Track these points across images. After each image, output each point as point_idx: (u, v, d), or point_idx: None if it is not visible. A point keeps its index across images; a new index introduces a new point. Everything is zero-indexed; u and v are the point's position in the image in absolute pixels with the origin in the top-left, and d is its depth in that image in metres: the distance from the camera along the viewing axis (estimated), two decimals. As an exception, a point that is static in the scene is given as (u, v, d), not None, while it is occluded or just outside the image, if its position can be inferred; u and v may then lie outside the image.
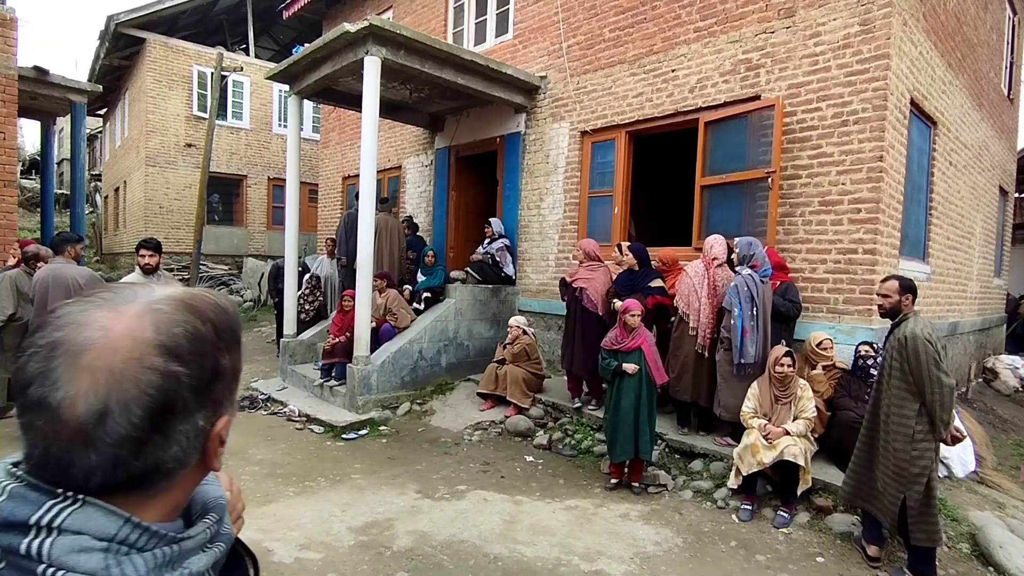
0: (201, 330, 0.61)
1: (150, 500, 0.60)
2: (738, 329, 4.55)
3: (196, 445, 0.62)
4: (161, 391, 0.57)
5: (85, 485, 0.56)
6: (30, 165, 24.99)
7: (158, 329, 0.58)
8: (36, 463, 0.56)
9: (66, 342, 0.56)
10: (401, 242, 8.35)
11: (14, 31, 6.92)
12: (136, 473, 0.58)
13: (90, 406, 0.54)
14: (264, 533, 3.70)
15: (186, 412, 0.60)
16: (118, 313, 0.58)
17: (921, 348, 3.30)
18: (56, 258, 5.13)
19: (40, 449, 0.56)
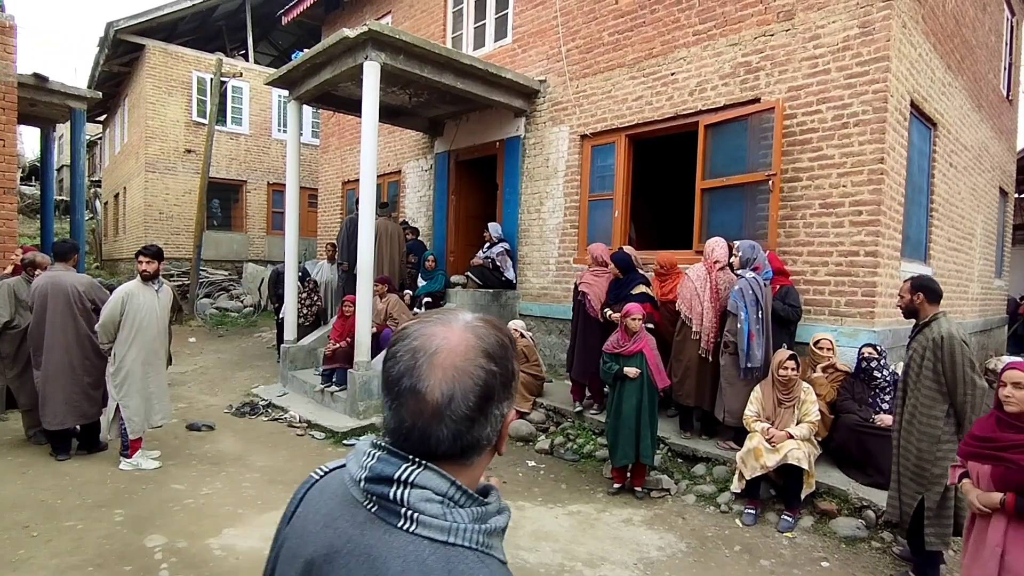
0: (504, 341, 0.82)
1: (464, 469, 0.80)
2: (744, 333, 4.53)
3: (497, 428, 0.81)
4: (486, 383, 0.77)
5: (435, 452, 0.76)
6: (30, 171, 25.00)
7: (480, 339, 0.79)
8: (403, 435, 0.77)
9: (424, 348, 0.77)
10: (401, 247, 8.35)
11: (13, 38, 6.93)
12: (465, 445, 0.77)
13: (443, 392, 0.75)
14: (265, 541, 3.65)
15: (498, 400, 0.79)
16: (450, 328, 0.79)
17: (957, 349, 3.28)
18: (56, 265, 5.12)
19: (408, 423, 0.76)
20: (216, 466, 5.02)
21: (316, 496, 0.87)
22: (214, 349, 10.75)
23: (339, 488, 0.83)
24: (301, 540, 0.84)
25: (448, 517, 0.74)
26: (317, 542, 0.80)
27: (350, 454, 0.83)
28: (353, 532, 0.76)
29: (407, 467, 0.75)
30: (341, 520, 0.78)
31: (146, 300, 4.77)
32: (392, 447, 0.78)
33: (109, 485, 4.43)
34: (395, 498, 0.74)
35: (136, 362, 4.72)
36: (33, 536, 3.58)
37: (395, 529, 0.74)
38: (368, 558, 0.72)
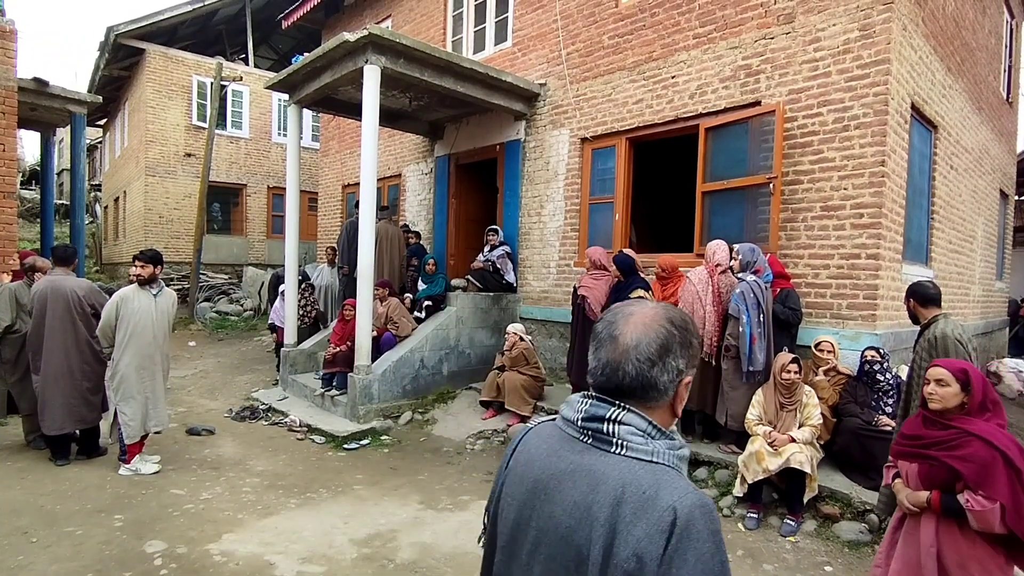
0: (686, 319, 1.07)
1: (648, 411, 1.01)
2: (747, 336, 4.51)
3: (675, 381, 1.02)
4: (666, 338, 1.01)
5: (621, 385, 1.00)
6: (30, 176, 25.02)
7: (666, 311, 1.06)
8: (599, 370, 1.03)
9: (623, 313, 1.06)
10: (402, 250, 8.34)
11: (14, 43, 6.93)
12: (645, 383, 0.99)
13: (633, 338, 1.01)
14: (265, 546, 3.66)
15: (674, 355, 1.01)
16: (644, 306, 1.07)
17: (952, 348, 3.29)
18: (56, 269, 5.11)
19: (603, 360, 1.02)
20: (216, 471, 5.01)
21: (533, 438, 1.13)
22: (214, 353, 10.74)
23: (554, 430, 1.10)
24: (527, 467, 1.08)
25: (649, 445, 0.97)
26: (542, 467, 1.04)
27: (563, 405, 1.10)
28: (574, 457, 1.00)
29: (614, 410, 1.00)
30: (562, 451, 1.03)
31: (142, 305, 4.74)
32: (599, 395, 1.03)
33: (108, 490, 4.42)
34: (607, 432, 0.99)
35: (131, 367, 4.70)
36: (32, 542, 3.56)
37: (609, 453, 0.97)
38: (590, 472, 0.96)
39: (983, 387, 2.38)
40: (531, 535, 1.02)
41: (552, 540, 0.97)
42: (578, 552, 0.92)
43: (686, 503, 0.88)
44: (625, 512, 0.89)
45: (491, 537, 1.15)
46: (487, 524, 1.19)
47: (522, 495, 1.06)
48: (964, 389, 2.38)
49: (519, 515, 1.05)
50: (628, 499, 0.90)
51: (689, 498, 0.89)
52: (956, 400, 2.38)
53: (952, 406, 2.39)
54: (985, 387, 2.39)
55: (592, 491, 0.94)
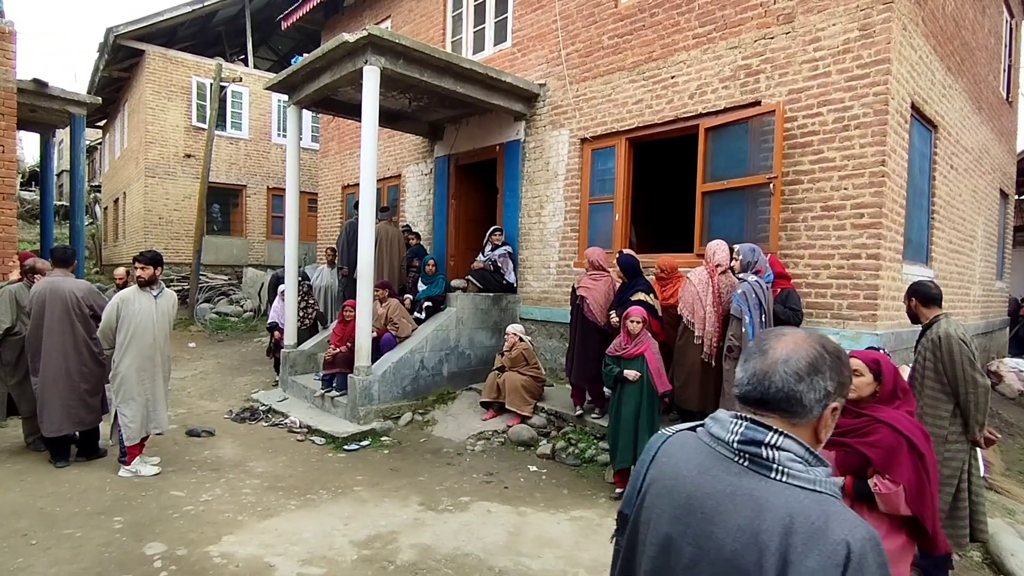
0: (839, 349, 1.10)
1: (794, 427, 1.04)
2: (750, 337, 4.50)
3: (821, 402, 1.04)
4: (815, 358, 1.04)
5: (766, 396, 1.04)
6: (29, 177, 25.01)
7: (820, 338, 1.10)
8: (747, 381, 1.07)
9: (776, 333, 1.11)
10: (402, 251, 8.33)
11: (13, 44, 6.93)
12: (790, 395, 1.03)
13: (782, 353, 1.05)
14: (266, 548, 3.65)
15: (823, 376, 1.04)
16: (798, 330, 1.12)
17: (955, 347, 3.30)
18: (55, 271, 5.10)
19: (751, 372, 1.07)
20: (216, 472, 5.00)
21: (677, 451, 1.15)
22: (214, 354, 10.74)
23: (699, 445, 1.11)
24: (676, 480, 1.09)
25: (810, 473, 0.99)
26: (695, 484, 1.06)
27: (709, 421, 1.13)
28: (731, 479, 1.02)
29: (772, 434, 1.02)
30: (715, 470, 1.05)
31: (142, 306, 4.74)
32: (754, 418, 1.06)
33: (108, 492, 4.41)
34: (766, 457, 1.00)
35: (131, 368, 4.69)
36: (32, 544, 3.56)
37: (769, 479, 0.99)
38: (752, 497, 0.98)
39: (893, 376, 2.46)
40: (687, 551, 1.04)
41: (714, 560, 1.00)
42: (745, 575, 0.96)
43: (858, 536, 0.92)
44: (796, 543, 0.92)
45: (631, 542, 1.19)
46: (622, 526, 1.24)
47: (673, 509, 1.08)
48: (876, 378, 2.46)
49: (671, 529, 1.07)
50: (798, 529, 0.93)
51: (859, 531, 0.92)
52: (869, 389, 2.46)
53: (865, 395, 2.46)
54: (895, 376, 2.47)
55: (757, 517, 0.96)
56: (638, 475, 1.20)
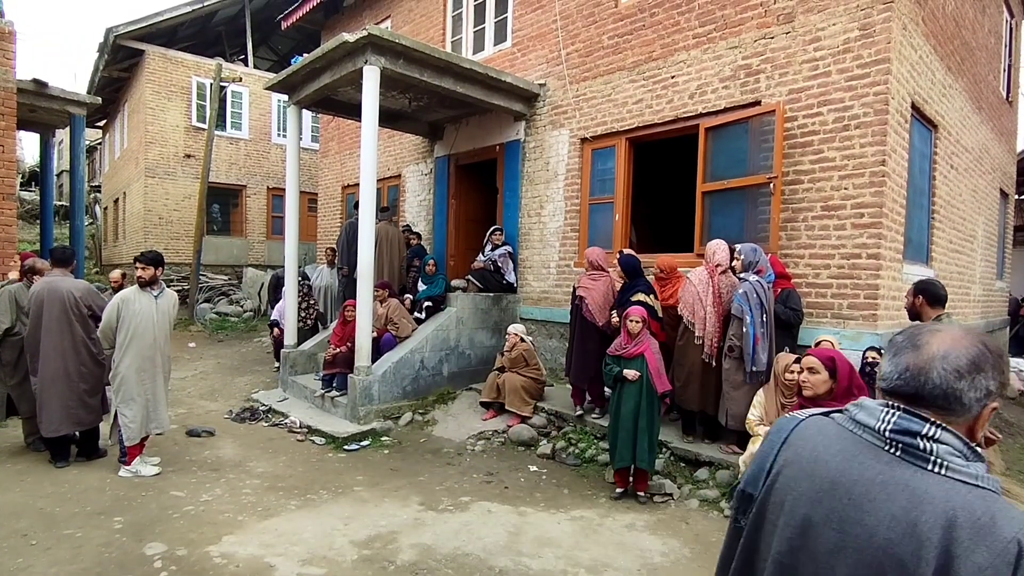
0: (999, 346, 1.09)
1: (953, 425, 1.01)
2: (751, 337, 4.50)
3: (982, 401, 1.01)
4: (977, 356, 1.01)
5: (921, 392, 1.02)
6: (29, 177, 25.02)
7: (979, 334, 1.06)
8: (897, 376, 1.05)
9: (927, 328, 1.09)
10: (402, 251, 8.33)
11: (13, 44, 6.92)
12: (949, 393, 1.00)
13: (940, 349, 1.02)
14: (266, 548, 3.65)
15: (986, 376, 1.01)
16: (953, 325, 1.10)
17: None
18: (54, 271, 5.10)
19: (903, 367, 1.05)
20: (216, 472, 4.99)
21: (814, 433, 1.14)
22: (214, 354, 10.74)
23: (839, 431, 1.11)
24: (817, 464, 1.09)
25: (970, 468, 0.97)
26: (839, 469, 1.05)
27: (852, 408, 1.12)
28: (882, 467, 1.01)
29: (930, 427, 1.00)
30: (862, 456, 1.04)
31: (143, 307, 4.74)
32: (908, 408, 1.03)
33: (108, 492, 4.41)
34: (924, 449, 0.99)
35: (131, 369, 4.69)
36: (32, 544, 3.55)
37: (926, 471, 0.98)
38: (908, 488, 0.97)
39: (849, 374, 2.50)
40: (831, 535, 1.04)
41: (863, 546, 1.00)
42: (900, 564, 0.95)
43: None
44: (961, 537, 0.92)
45: (757, 521, 1.18)
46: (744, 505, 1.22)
47: (815, 492, 1.07)
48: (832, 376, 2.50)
49: (812, 511, 1.07)
50: (962, 524, 0.92)
51: None
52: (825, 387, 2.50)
53: (822, 392, 2.50)
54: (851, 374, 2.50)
55: (914, 508, 0.96)
56: (767, 456, 1.19)
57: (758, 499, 1.18)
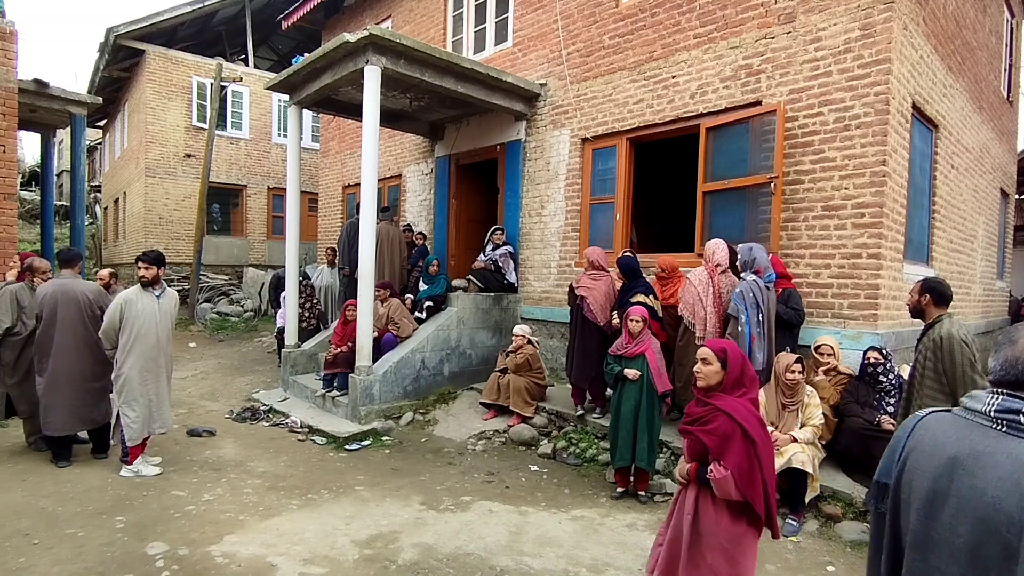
0: None
1: None
2: (746, 336, 4.51)
3: None
4: None
5: (1020, 379, 1.19)
6: (30, 177, 25.02)
7: None
8: (999, 368, 1.23)
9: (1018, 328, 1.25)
10: (403, 251, 8.32)
11: (14, 44, 6.92)
12: None
13: None
14: (267, 548, 3.65)
15: None
16: None
17: (957, 348, 3.27)
18: (63, 272, 5.14)
19: (1003, 358, 1.22)
20: (217, 472, 5.00)
21: (934, 424, 1.31)
22: (214, 354, 10.74)
23: (956, 419, 1.27)
24: (936, 446, 1.26)
25: None
26: (955, 447, 1.22)
27: (965, 399, 1.28)
28: (990, 441, 1.17)
29: None
30: (974, 435, 1.21)
31: (145, 307, 4.75)
32: (1010, 392, 1.20)
33: (110, 492, 4.41)
34: None
35: (134, 369, 4.70)
36: (34, 544, 3.56)
37: None
38: (1011, 455, 1.13)
39: (740, 365, 2.50)
40: (952, 502, 1.19)
41: (976, 505, 1.15)
42: (1008, 518, 1.10)
43: None
44: None
45: (895, 504, 1.35)
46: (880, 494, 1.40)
47: (935, 468, 1.24)
48: (723, 367, 2.49)
49: (935, 484, 1.23)
50: None
51: None
52: (717, 378, 2.49)
53: (714, 383, 2.50)
54: (743, 365, 2.51)
55: (1018, 470, 1.11)
56: (895, 448, 1.37)
57: (892, 486, 1.36)
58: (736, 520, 2.44)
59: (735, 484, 2.36)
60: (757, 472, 2.37)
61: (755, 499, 2.37)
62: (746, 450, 2.37)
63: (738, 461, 2.36)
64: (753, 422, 2.41)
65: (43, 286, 5.06)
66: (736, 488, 2.36)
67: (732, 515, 2.44)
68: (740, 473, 2.35)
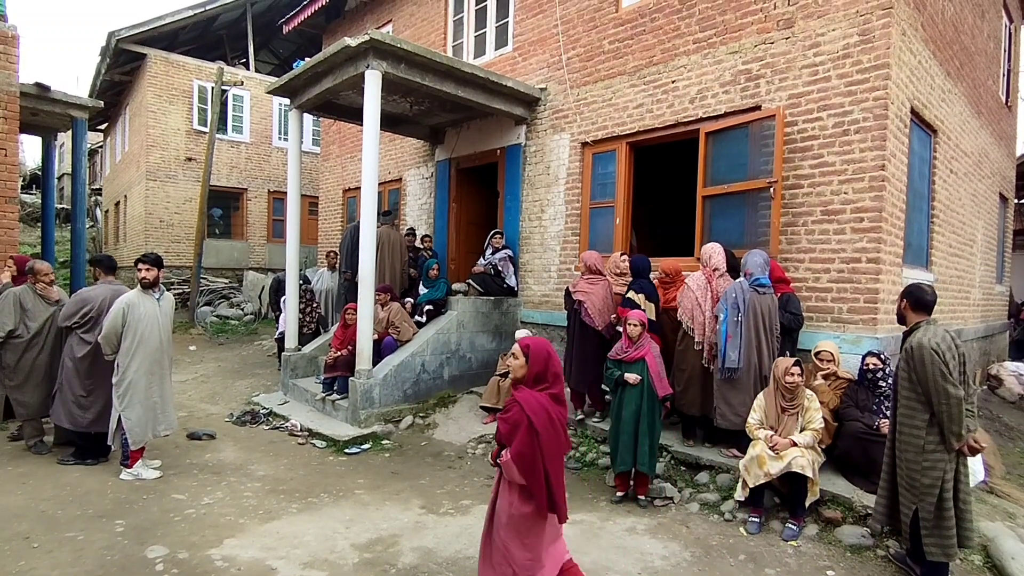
0: None
1: None
2: (722, 333, 4.57)
3: None
4: None
5: None
6: (31, 180, 25.04)
7: None
8: None
9: None
10: (404, 255, 8.33)
11: (16, 48, 6.95)
12: None
13: None
14: (267, 551, 3.65)
15: None
16: None
17: (927, 357, 3.23)
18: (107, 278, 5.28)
19: None
20: (217, 475, 5.00)
21: None
22: (214, 357, 10.74)
23: None
24: None
25: None
26: None
27: None
28: None
29: None
30: None
31: (147, 310, 4.77)
32: None
33: (110, 495, 4.41)
34: None
35: (139, 373, 4.72)
36: (34, 547, 3.56)
37: None
38: None
39: (541, 361, 2.67)
40: None
41: None
42: None
43: None
44: None
45: None
46: None
47: None
48: (527, 362, 2.67)
49: None
50: None
51: None
52: (522, 372, 2.68)
53: (520, 376, 2.69)
54: (545, 362, 2.67)
55: None
56: None
57: None
58: (524, 502, 2.63)
59: (517, 469, 2.55)
60: (539, 461, 2.54)
61: (535, 485, 2.55)
62: (530, 439, 2.54)
63: (519, 449, 2.54)
64: (541, 415, 2.57)
65: (93, 291, 5.11)
66: (518, 473, 2.55)
67: (521, 497, 2.64)
68: (521, 460, 2.54)
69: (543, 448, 2.55)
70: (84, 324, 4.98)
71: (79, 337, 5.00)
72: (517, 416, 2.59)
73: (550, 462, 2.57)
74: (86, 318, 4.97)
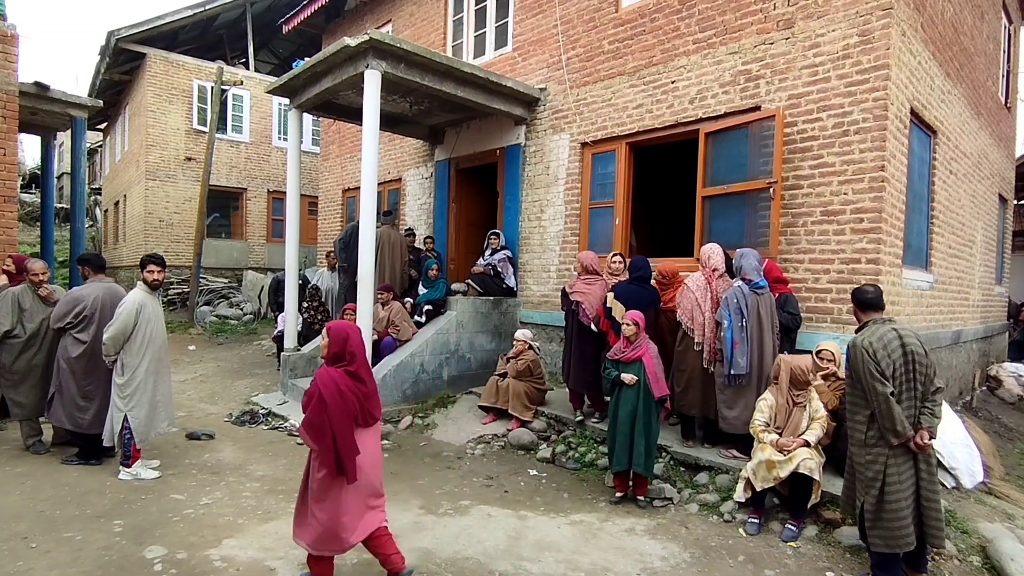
0: None
1: None
2: (728, 341, 4.56)
3: None
4: None
5: None
6: (30, 179, 25.04)
7: None
8: None
9: None
10: (403, 255, 8.32)
11: (15, 47, 6.95)
12: None
13: None
14: (266, 552, 3.65)
15: None
16: None
17: (858, 355, 3.38)
18: (99, 276, 5.23)
19: None
20: (216, 475, 4.99)
21: None
22: (214, 357, 10.74)
23: None
24: None
25: None
26: None
27: None
28: None
29: None
30: None
31: (155, 310, 4.86)
32: None
33: (108, 495, 4.41)
34: None
35: (148, 372, 4.75)
36: (32, 547, 3.55)
37: None
38: None
39: (339, 342, 3.03)
40: None
41: None
42: None
43: None
44: None
45: None
46: None
47: None
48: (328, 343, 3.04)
49: None
50: None
51: None
52: (324, 351, 3.07)
53: (323, 355, 3.08)
54: (344, 342, 3.03)
55: None
56: None
57: None
58: (320, 467, 2.95)
59: (308, 436, 2.91)
60: (327, 428, 2.87)
61: (323, 448, 2.89)
62: (319, 410, 2.88)
63: (310, 418, 2.90)
64: (331, 388, 2.92)
65: (83, 290, 5.09)
66: (310, 439, 2.90)
67: (318, 463, 2.96)
68: (310, 427, 2.89)
69: (331, 418, 2.87)
70: (78, 324, 4.95)
71: (73, 337, 4.96)
72: (312, 390, 2.94)
73: (339, 431, 2.88)
74: (79, 317, 4.95)
